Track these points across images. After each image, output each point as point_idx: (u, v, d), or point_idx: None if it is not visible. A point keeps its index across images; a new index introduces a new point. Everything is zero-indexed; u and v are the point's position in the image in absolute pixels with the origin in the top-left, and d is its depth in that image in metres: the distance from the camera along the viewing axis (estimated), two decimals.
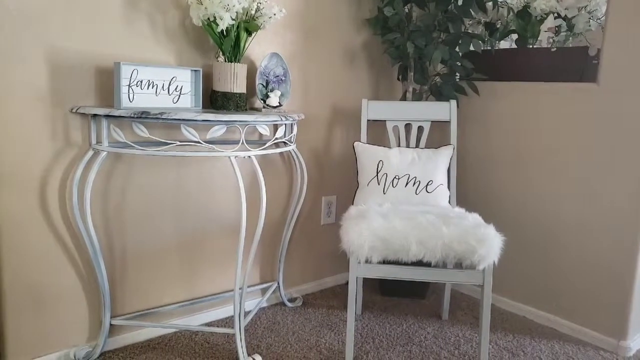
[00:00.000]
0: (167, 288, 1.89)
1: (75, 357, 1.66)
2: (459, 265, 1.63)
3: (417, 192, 1.93)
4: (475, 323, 2.10)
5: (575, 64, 2.06)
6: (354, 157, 2.39)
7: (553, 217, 2.08)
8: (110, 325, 1.71)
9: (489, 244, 1.56)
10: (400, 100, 2.38)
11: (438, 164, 1.97)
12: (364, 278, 2.48)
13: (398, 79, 2.44)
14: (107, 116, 1.52)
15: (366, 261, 1.60)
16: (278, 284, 2.19)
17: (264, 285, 2.18)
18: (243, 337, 1.68)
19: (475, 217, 1.73)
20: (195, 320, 1.97)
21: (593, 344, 1.96)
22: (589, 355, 1.87)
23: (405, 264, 1.63)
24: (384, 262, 1.62)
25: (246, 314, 2.07)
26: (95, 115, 1.57)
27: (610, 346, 1.92)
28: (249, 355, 1.71)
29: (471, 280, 1.60)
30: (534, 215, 2.15)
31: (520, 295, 2.22)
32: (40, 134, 1.53)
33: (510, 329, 2.06)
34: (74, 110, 1.53)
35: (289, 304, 2.20)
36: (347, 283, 2.49)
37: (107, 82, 1.63)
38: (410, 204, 1.90)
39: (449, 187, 2.02)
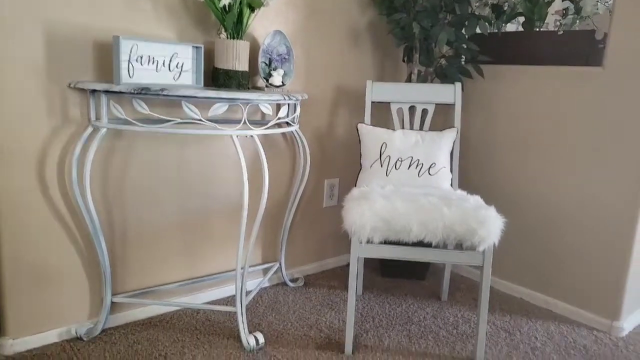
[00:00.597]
0: (168, 266, 1.90)
1: (76, 333, 1.67)
2: (459, 247, 1.63)
3: (420, 174, 1.92)
4: (473, 304, 2.11)
5: (581, 48, 2.03)
6: (357, 139, 2.39)
7: (553, 201, 2.08)
8: (112, 302, 1.72)
9: (489, 225, 1.56)
10: (405, 82, 2.36)
11: (441, 147, 1.96)
12: (364, 259, 2.49)
13: (403, 60, 2.42)
14: (107, 92, 1.51)
15: (368, 241, 1.61)
16: (280, 264, 2.20)
17: (266, 266, 2.19)
18: (244, 315, 1.69)
19: (476, 200, 1.73)
20: (197, 299, 1.99)
21: (587, 325, 1.98)
22: (582, 335, 1.89)
23: (407, 244, 1.63)
24: (385, 242, 1.62)
25: (247, 293, 2.08)
26: (94, 90, 1.55)
27: (604, 326, 1.94)
28: (250, 333, 1.72)
29: (471, 261, 1.61)
30: (534, 199, 2.15)
31: (518, 277, 2.23)
32: (37, 109, 1.52)
33: (507, 310, 2.08)
34: (72, 86, 1.52)
35: (291, 284, 2.22)
36: (348, 264, 2.50)
37: (106, 57, 1.62)
38: (412, 186, 1.90)
39: (451, 170, 2.01)
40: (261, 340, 1.68)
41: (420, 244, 1.64)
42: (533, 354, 1.74)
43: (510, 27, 2.31)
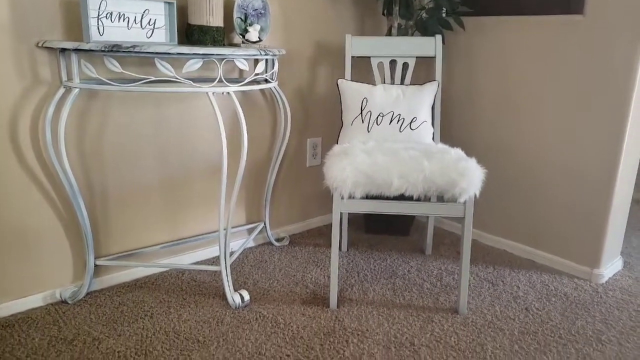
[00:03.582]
0: (151, 229, 1.89)
1: (61, 297, 1.67)
2: (440, 199, 1.64)
3: (401, 129, 1.91)
4: (457, 257, 2.14)
5: None
6: (338, 96, 2.36)
7: (534, 152, 2.09)
8: (95, 265, 1.72)
9: (470, 176, 1.57)
10: (385, 35, 2.32)
11: (422, 101, 1.95)
12: (348, 216, 2.50)
13: (383, 14, 2.37)
14: (77, 50, 1.46)
15: (349, 196, 1.61)
16: (264, 224, 2.20)
17: (251, 226, 2.19)
18: (229, 274, 1.70)
19: (457, 152, 1.73)
20: (182, 261, 1.99)
21: (568, 273, 2.02)
22: (563, 283, 1.93)
23: (388, 198, 1.63)
24: (367, 197, 1.63)
25: (232, 253, 2.09)
26: (63, 49, 1.50)
27: (585, 274, 1.98)
28: (235, 291, 1.73)
29: (452, 213, 1.62)
30: (516, 152, 2.15)
31: (500, 230, 2.26)
32: (5, 70, 1.47)
33: (490, 261, 2.11)
34: (40, 45, 1.47)
35: (276, 243, 2.23)
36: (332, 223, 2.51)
37: (75, 14, 1.56)
38: (394, 141, 1.89)
39: (432, 124, 2.00)
40: (246, 297, 1.70)
41: (401, 197, 1.64)
42: (515, 302, 1.78)
43: None
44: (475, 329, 1.60)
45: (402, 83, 2.12)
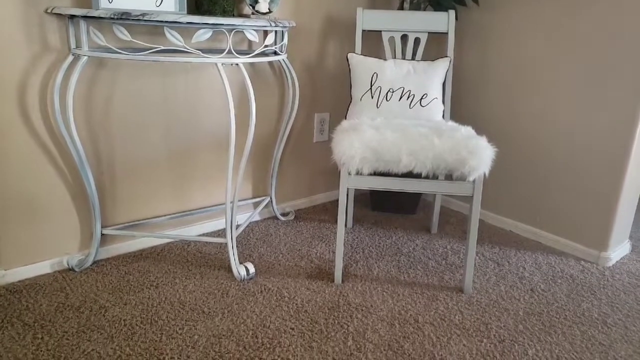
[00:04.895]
0: (158, 199, 1.89)
1: (68, 264, 1.69)
2: (449, 177, 1.62)
3: (411, 106, 1.89)
4: (463, 237, 2.14)
5: None
6: (348, 71, 2.33)
7: (544, 133, 2.06)
8: (102, 235, 1.72)
9: (480, 155, 1.55)
10: (398, 10, 2.28)
11: (433, 77, 1.92)
12: (355, 193, 2.49)
13: None
14: (86, 17, 1.44)
15: (357, 172, 1.60)
16: (270, 198, 2.20)
17: (257, 200, 2.19)
18: (235, 246, 1.71)
19: (467, 130, 1.71)
20: (188, 233, 2.00)
21: (575, 255, 2.01)
22: (570, 265, 1.92)
23: (396, 175, 1.62)
24: (375, 173, 1.61)
25: (238, 226, 2.10)
26: (73, 16, 1.48)
27: (592, 257, 1.97)
28: (240, 263, 1.74)
29: (461, 191, 1.60)
30: (525, 132, 2.12)
31: (508, 210, 2.24)
32: (13, 36, 1.45)
33: (496, 241, 2.11)
34: (49, 11, 1.44)
35: (282, 218, 2.23)
36: (339, 199, 2.50)
37: None
38: (403, 118, 1.87)
39: (443, 102, 1.98)
40: (252, 270, 1.70)
41: (409, 174, 1.63)
42: (520, 283, 1.77)
43: None
44: (480, 308, 1.60)
45: (413, 58, 2.09)
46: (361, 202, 2.46)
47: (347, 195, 2.17)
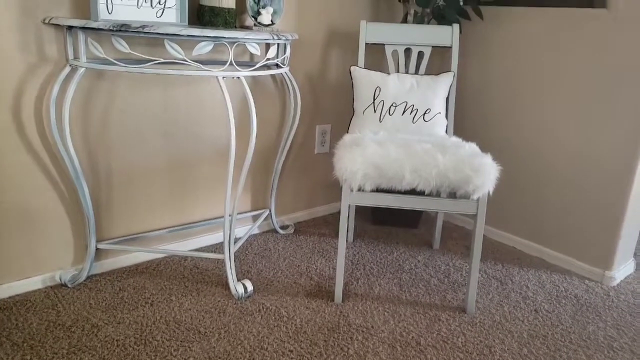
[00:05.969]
0: (155, 213, 1.85)
1: (60, 280, 1.64)
2: (453, 195, 1.59)
3: (414, 120, 1.86)
4: (465, 253, 2.10)
5: None
6: (350, 83, 2.30)
7: (548, 149, 2.03)
8: (96, 249, 1.68)
9: (484, 173, 1.51)
10: (401, 23, 2.25)
11: (437, 92, 1.89)
12: (356, 207, 2.45)
13: (399, 0, 2.30)
14: (84, 28, 1.41)
15: (359, 189, 1.56)
16: (270, 211, 2.16)
17: (256, 213, 2.15)
18: (233, 263, 1.67)
19: (472, 147, 1.67)
20: (185, 246, 1.96)
21: (579, 274, 1.97)
22: (574, 284, 1.89)
23: (399, 192, 1.59)
24: (377, 190, 1.58)
25: (237, 240, 2.06)
26: (71, 27, 1.45)
27: (596, 276, 1.93)
28: (238, 280, 1.70)
29: (465, 210, 1.57)
30: (530, 147, 2.09)
31: (511, 226, 2.21)
32: (11, 46, 1.42)
33: (499, 258, 2.07)
34: (46, 21, 1.41)
35: (281, 231, 2.19)
36: (339, 212, 2.47)
37: None
38: (406, 132, 1.84)
39: (446, 116, 1.95)
40: (250, 288, 1.66)
41: (412, 192, 1.60)
42: (524, 303, 1.74)
43: None
44: (483, 329, 1.56)
45: (416, 72, 2.06)
46: (362, 216, 2.43)
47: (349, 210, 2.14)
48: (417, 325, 1.56)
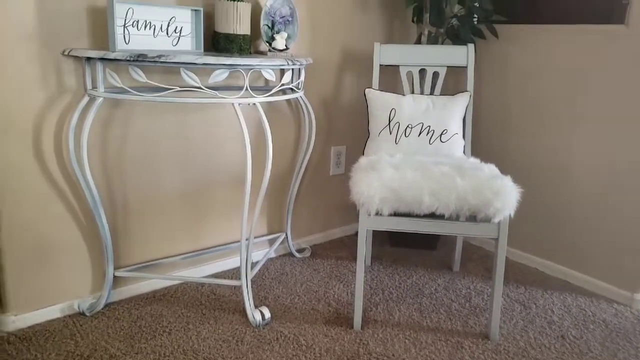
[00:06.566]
0: (172, 239, 1.85)
1: (79, 309, 1.64)
2: (473, 218, 1.56)
3: (431, 141, 1.84)
4: (486, 275, 2.05)
5: (603, 5, 1.90)
6: (364, 105, 2.29)
7: (571, 167, 1.99)
8: (114, 276, 1.68)
9: (505, 196, 1.48)
10: (415, 43, 2.25)
11: (453, 112, 1.87)
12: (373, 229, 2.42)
13: (413, 21, 2.30)
14: (102, 59, 1.43)
15: (376, 213, 1.54)
16: (286, 234, 2.15)
17: (272, 236, 2.14)
18: (250, 289, 1.65)
19: (491, 168, 1.65)
20: (202, 272, 1.95)
21: (606, 297, 1.91)
22: (601, 308, 1.83)
23: (417, 216, 1.56)
24: (395, 214, 1.56)
25: (254, 264, 2.04)
26: (89, 58, 1.47)
27: (624, 299, 1.87)
28: (256, 307, 1.68)
29: (486, 234, 1.54)
30: (550, 166, 2.06)
31: (533, 247, 2.16)
32: (31, 78, 1.44)
33: (522, 281, 2.02)
34: (66, 53, 1.43)
35: (297, 255, 2.17)
36: (356, 234, 2.44)
37: (101, 22, 1.53)
38: (423, 154, 1.82)
39: (464, 137, 1.92)
40: (267, 315, 1.64)
41: (431, 215, 1.57)
42: (550, 329, 1.68)
43: None
44: (508, 357, 1.51)
45: (431, 93, 2.05)
46: (379, 238, 2.40)
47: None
48: (439, 353, 1.52)
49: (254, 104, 1.56)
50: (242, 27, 1.65)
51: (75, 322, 1.60)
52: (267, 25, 1.80)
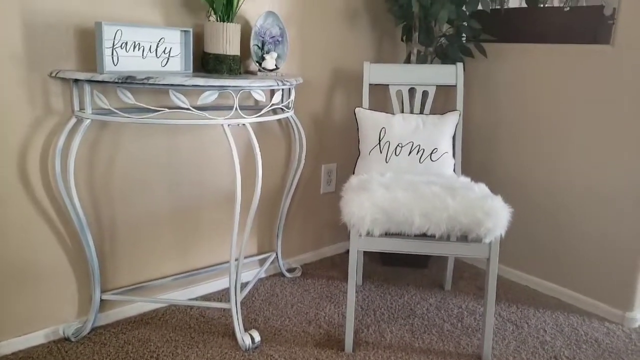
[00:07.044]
0: (160, 260, 1.82)
1: (64, 334, 1.60)
2: (464, 238, 1.55)
3: (421, 160, 1.84)
4: (478, 294, 2.04)
5: (589, 25, 1.93)
6: (355, 124, 2.29)
7: (560, 186, 2.00)
8: (101, 300, 1.65)
9: (496, 216, 1.48)
10: (404, 62, 2.26)
11: (443, 131, 1.87)
12: None
13: (402, 40, 2.31)
14: (90, 81, 1.41)
15: (367, 234, 1.53)
16: (276, 254, 2.13)
17: (262, 256, 2.11)
18: (239, 312, 1.62)
19: (482, 188, 1.65)
20: (191, 293, 1.92)
21: (598, 315, 1.91)
22: (593, 327, 1.82)
23: (408, 236, 1.55)
24: (386, 234, 1.55)
25: (244, 284, 2.02)
26: (76, 80, 1.46)
27: (616, 317, 1.87)
28: (245, 331, 1.65)
29: (477, 254, 1.53)
30: (540, 184, 2.06)
31: (524, 265, 2.16)
32: (17, 100, 1.42)
33: (513, 299, 2.01)
34: (53, 75, 1.42)
35: (288, 275, 2.15)
36: (346, 252, 2.43)
37: (89, 44, 1.52)
38: (413, 173, 1.82)
39: (454, 156, 1.93)
40: (257, 338, 1.61)
41: (422, 235, 1.56)
42: (543, 349, 1.67)
43: (514, 3, 2.19)
44: None
45: (421, 112, 2.05)
46: (370, 257, 2.38)
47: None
48: None
49: (244, 124, 1.55)
50: (232, 48, 1.65)
51: (60, 347, 1.56)
52: (257, 45, 1.80)
